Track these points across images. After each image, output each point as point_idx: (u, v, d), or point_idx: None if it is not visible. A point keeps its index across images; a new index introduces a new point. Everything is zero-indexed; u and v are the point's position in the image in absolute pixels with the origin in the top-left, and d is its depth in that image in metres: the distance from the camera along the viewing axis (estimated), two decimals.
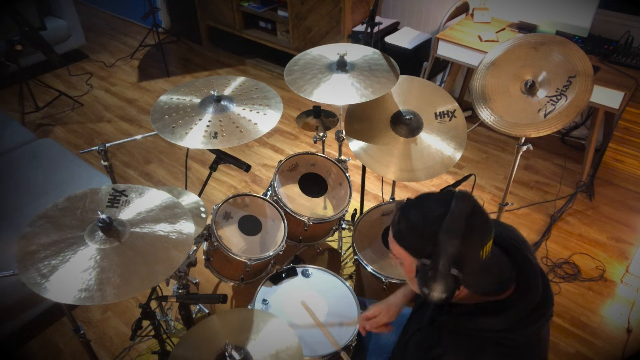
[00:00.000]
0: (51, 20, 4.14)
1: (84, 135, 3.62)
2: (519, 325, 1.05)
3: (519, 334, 1.06)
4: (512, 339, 1.05)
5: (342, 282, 1.80)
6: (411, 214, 1.05)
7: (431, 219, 1.01)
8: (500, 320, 1.05)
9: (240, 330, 1.47)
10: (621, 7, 2.81)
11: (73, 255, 1.25)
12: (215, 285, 2.47)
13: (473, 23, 3.16)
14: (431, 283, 1.01)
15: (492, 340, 1.05)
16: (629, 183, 2.90)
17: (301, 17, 3.80)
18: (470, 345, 1.07)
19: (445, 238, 0.98)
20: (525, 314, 1.06)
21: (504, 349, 1.05)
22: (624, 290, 2.42)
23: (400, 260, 1.10)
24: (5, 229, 2.20)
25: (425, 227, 1.02)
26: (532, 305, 1.06)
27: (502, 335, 1.05)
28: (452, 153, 1.94)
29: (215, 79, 1.98)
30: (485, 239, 1.01)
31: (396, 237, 1.08)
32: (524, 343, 1.07)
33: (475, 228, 1.00)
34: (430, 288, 1.01)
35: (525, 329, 1.06)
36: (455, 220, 0.99)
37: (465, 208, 0.99)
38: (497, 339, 1.05)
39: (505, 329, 1.05)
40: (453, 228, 0.98)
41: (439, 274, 0.99)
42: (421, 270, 1.03)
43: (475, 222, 1.00)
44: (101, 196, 1.42)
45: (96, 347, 2.04)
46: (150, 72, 4.41)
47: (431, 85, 2.10)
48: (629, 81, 2.55)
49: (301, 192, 2.22)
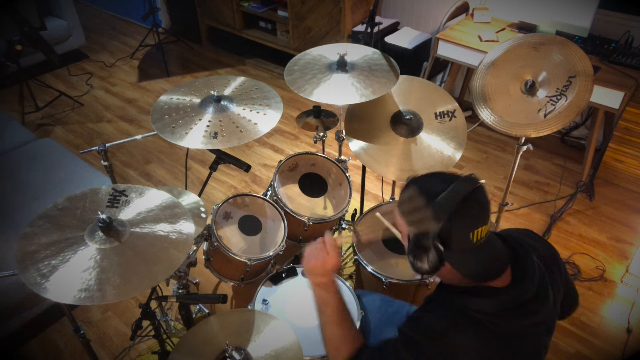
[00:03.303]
0: (51, 20, 4.14)
1: (84, 135, 3.62)
2: (508, 314, 1.06)
3: (510, 323, 1.07)
4: (500, 325, 1.06)
5: (342, 282, 1.80)
6: (414, 186, 1.10)
7: (429, 193, 1.06)
8: (491, 302, 1.06)
9: (241, 331, 1.47)
10: (621, 7, 2.81)
11: (73, 255, 1.25)
12: (215, 285, 2.47)
13: (473, 23, 3.16)
14: (416, 251, 1.07)
15: (478, 321, 1.06)
16: (629, 183, 2.90)
17: (301, 17, 3.80)
18: (454, 318, 1.08)
19: (434, 211, 1.03)
20: (516, 303, 1.07)
21: (486, 331, 1.06)
22: (624, 290, 2.42)
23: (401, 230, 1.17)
24: (5, 229, 2.20)
25: (421, 199, 1.06)
26: (527, 295, 1.08)
27: (489, 319, 1.06)
28: (452, 153, 1.94)
29: (215, 79, 1.98)
30: (477, 222, 1.03)
31: (398, 205, 1.14)
32: (514, 334, 1.08)
33: (469, 209, 1.03)
34: (415, 256, 1.08)
35: (517, 320, 1.07)
36: (450, 197, 1.02)
37: (464, 189, 1.03)
38: (484, 321, 1.06)
39: (493, 312, 1.06)
40: (445, 204, 1.02)
41: (422, 244, 1.06)
42: (411, 239, 1.09)
43: (471, 204, 1.03)
44: (101, 196, 1.42)
45: (96, 347, 2.04)
46: (150, 72, 4.41)
47: (431, 85, 2.10)
48: (629, 81, 2.55)
49: (301, 192, 2.22)
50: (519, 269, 1.12)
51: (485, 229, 1.05)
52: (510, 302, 1.07)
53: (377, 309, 1.70)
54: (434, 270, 1.07)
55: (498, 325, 1.06)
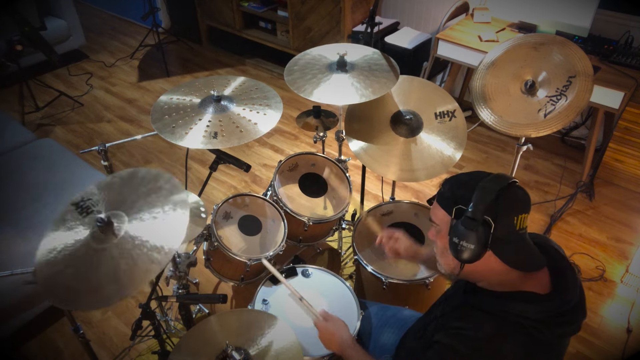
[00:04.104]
0: (51, 20, 4.15)
1: (84, 135, 3.62)
2: (551, 322, 1.03)
3: (551, 332, 1.04)
4: (542, 333, 1.03)
5: (342, 282, 1.80)
6: (458, 179, 1.12)
7: (475, 177, 1.08)
8: (536, 308, 1.04)
9: (241, 331, 1.47)
10: (621, 7, 2.81)
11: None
12: (215, 285, 2.47)
13: (473, 23, 3.16)
14: (462, 231, 1.04)
15: (523, 328, 1.03)
16: (629, 183, 2.90)
17: (301, 17, 3.80)
18: (500, 324, 1.05)
19: (483, 187, 1.03)
20: (560, 311, 1.04)
21: (531, 340, 1.03)
22: (624, 290, 2.42)
23: (438, 226, 1.14)
24: (5, 229, 2.20)
25: (468, 182, 1.08)
26: (568, 305, 1.05)
27: (534, 325, 1.03)
28: (452, 153, 1.94)
29: (215, 79, 1.98)
30: (522, 208, 1.05)
31: (438, 200, 1.14)
32: (550, 343, 1.05)
33: (514, 193, 1.05)
34: (460, 235, 1.04)
35: (555, 329, 1.04)
36: (497, 180, 1.05)
37: (510, 179, 1.06)
38: (528, 328, 1.03)
39: (538, 319, 1.03)
40: (491, 185, 1.04)
41: (471, 218, 1.02)
42: (455, 221, 1.06)
43: (516, 191, 1.06)
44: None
45: (96, 347, 2.04)
46: (150, 72, 4.41)
47: (431, 85, 2.10)
48: (628, 81, 2.55)
49: (301, 192, 2.22)
50: (561, 278, 1.09)
51: (527, 218, 1.06)
52: (552, 310, 1.04)
53: (375, 313, 1.72)
54: (477, 255, 1.04)
55: (542, 332, 1.03)
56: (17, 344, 2.23)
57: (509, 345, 1.02)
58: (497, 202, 1.02)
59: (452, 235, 1.07)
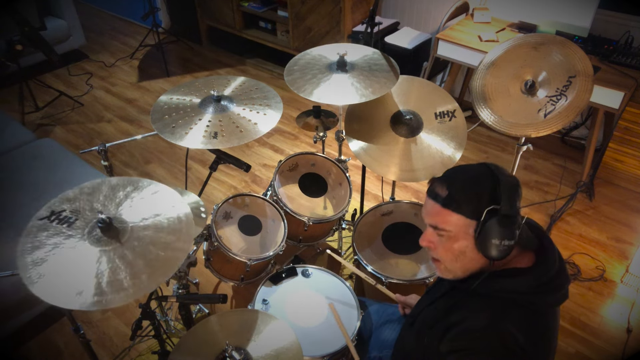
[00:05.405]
0: (51, 20, 4.14)
1: (84, 135, 3.62)
2: (540, 290, 1.06)
3: (542, 301, 1.07)
4: (535, 303, 1.06)
5: (342, 282, 1.80)
6: (458, 179, 1.09)
7: (483, 175, 1.08)
8: (523, 281, 1.06)
9: (241, 331, 1.47)
10: (621, 7, 2.81)
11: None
12: (215, 285, 2.47)
13: (473, 23, 3.16)
14: (502, 230, 1.03)
15: (517, 302, 1.06)
16: (629, 183, 2.90)
17: (301, 17, 3.80)
18: (494, 306, 1.07)
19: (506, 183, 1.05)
20: (545, 279, 1.06)
21: (527, 312, 1.05)
22: (624, 290, 2.42)
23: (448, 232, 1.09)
24: (5, 229, 2.20)
25: (481, 183, 1.06)
26: (551, 272, 1.07)
27: (526, 298, 1.06)
28: (452, 153, 1.94)
29: (215, 79, 1.98)
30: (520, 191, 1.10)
31: (447, 205, 1.07)
32: (543, 312, 1.08)
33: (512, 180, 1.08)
34: (501, 235, 1.03)
35: (545, 297, 1.07)
36: (504, 171, 1.07)
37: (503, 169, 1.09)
38: (521, 301, 1.06)
39: (528, 291, 1.05)
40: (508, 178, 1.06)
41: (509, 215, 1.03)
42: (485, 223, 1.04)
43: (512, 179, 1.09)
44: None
45: (96, 347, 2.04)
46: (150, 72, 4.41)
47: (431, 85, 2.10)
48: (629, 81, 2.55)
49: (301, 192, 2.22)
50: (540, 249, 1.13)
51: None
52: (539, 278, 1.06)
53: (375, 310, 1.73)
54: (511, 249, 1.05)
55: (534, 304, 1.06)
56: (17, 344, 2.23)
57: (510, 321, 1.04)
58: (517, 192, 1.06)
59: (486, 237, 1.04)
